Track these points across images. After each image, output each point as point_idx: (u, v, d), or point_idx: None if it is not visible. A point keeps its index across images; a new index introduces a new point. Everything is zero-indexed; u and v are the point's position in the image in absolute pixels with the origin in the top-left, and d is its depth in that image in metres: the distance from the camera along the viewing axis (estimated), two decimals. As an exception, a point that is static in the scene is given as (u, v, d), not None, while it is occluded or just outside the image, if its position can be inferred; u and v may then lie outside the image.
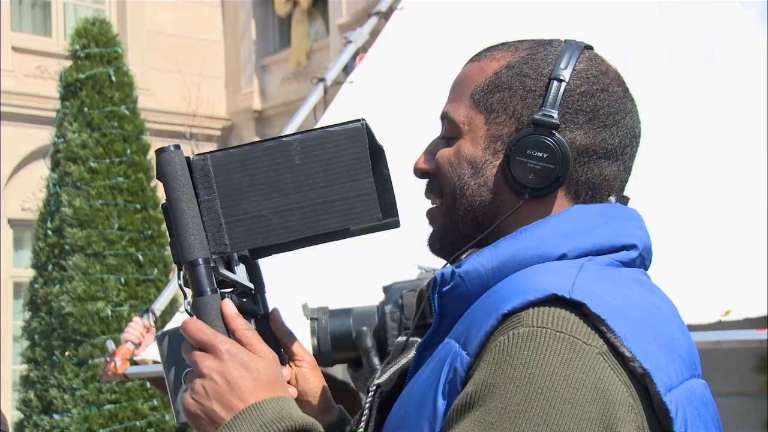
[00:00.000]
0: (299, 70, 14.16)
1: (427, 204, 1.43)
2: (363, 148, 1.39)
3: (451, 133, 1.39)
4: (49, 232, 6.70)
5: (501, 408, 1.16)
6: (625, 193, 1.42)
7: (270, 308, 1.45)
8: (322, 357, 2.85)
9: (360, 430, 1.39)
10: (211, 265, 1.33)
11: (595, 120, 1.34)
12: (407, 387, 1.34)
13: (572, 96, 1.33)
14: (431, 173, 1.41)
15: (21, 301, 8.55)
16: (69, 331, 6.39)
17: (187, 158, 1.36)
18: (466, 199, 1.36)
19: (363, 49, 5.79)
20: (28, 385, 6.68)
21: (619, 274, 1.30)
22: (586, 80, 1.34)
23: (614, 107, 1.35)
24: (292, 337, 1.46)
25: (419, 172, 1.42)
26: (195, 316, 1.33)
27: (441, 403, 1.24)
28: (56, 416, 6.35)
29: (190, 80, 13.50)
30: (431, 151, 1.41)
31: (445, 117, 1.40)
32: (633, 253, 1.34)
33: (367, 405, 1.40)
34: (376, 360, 2.64)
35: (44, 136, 8.23)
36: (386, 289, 2.77)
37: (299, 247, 1.43)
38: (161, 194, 1.45)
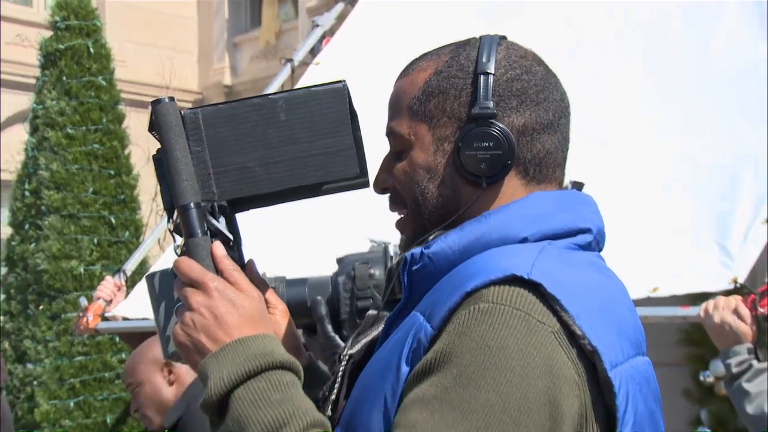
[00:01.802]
0: (268, 49, 14.08)
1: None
2: (344, 107, 1.40)
3: (400, 147, 1.40)
4: (27, 194, 6.62)
5: (456, 374, 1.18)
6: (580, 180, 1.44)
7: (246, 260, 1.46)
8: None
9: (333, 395, 1.40)
10: (201, 209, 1.34)
11: (527, 100, 1.36)
12: (375, 355, 1.36)
13: (500, 84, 1.35)
14: (390, 188, 1.42)
15: (-2, 257, 8.44)
16: (44, 286, 6.33)
17: (179, 111, 1.37)
18: (428, 202, 1.38)
19: (330, 33, 5.79)
20: (4, 335, 6.60)
21: (576, 257, 1.33)
22: (509, 67, 1.36)
23: (540, 85, 1.37)
24: (265, 286, 1.47)
25: (379, 189, 1.44)
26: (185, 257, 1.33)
27: (404, 369, 1.25)
28: (29, 365, 6.29)
29: (164, 54, 13.35)
30: (386, 169, 1.43)
31: (390, 133, 1.41)
32: (588, 237, 1.36)
33: (340, 373, 1.42)
34: (329, 327, 2.64)
35: (24, 101, 8.11)
36: (339, 261, 2.77)
37: (277, 203, 1.44)
38: (134, 161, 1.42)
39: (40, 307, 6.32)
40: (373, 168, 1.45)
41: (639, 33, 4.32)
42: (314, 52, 5.69)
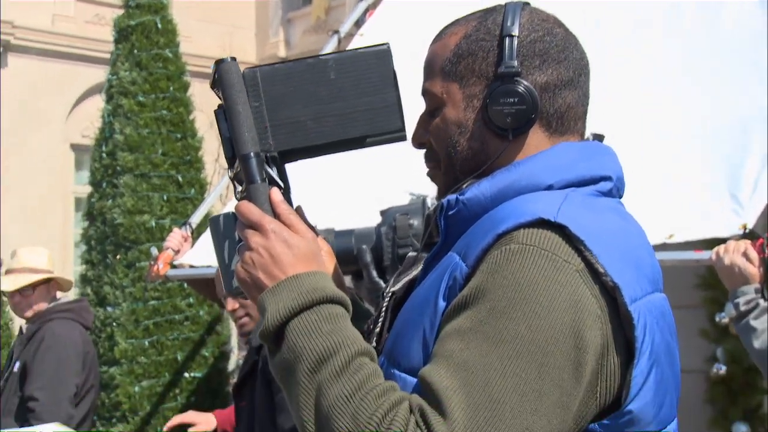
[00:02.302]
0: (319, 24, 14.02)
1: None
2: (389, 67, 1.40)
3: (434, 105, 1.40)
4: (104, 155, 6.67)
5: (489, 308, 1.18)
6: (600, 132, 1.42)
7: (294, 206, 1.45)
8: None
9: (377, 328, 1.42)
10: (260, 158, 1.34)
11: (548, 59, 1.35)
12: (414, 292, 1.36)
13: (524, 45, 1.34)
14: (426, 144, 1.41)
15: (80, 213, 8.53)
16: (120, 238, 6.39)
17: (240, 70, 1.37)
18: (459, 155, 1.37)
19: (373, 6, 5.75)
20: (86, 282, 6.69)
21: (598, 203, 1.32)
22: (532, 29, 1.35)
23: (561, 45, 1.36)
24: (313, 230, 1.46)
25: (417, 144, 1.43)
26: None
27: (441, 304, 1.26)
28: (109, 308, 6.38)
29: (224, 30, 13.35)
30: (422, 126, 1.42)
31: (425, 93, 1.41)
32: (609, 184, 1.35)
33: (383, 308, 1.42)
34: (374, 273, 2.65)
35: (100, 74, 8.14)
36: (382, 213, 2.77)
37: (324, 153, 1.43)
38: (198, 125, 1.40)
39: (117, 257, 6.38)
40: (410, 127, 1.44)
41: (658, 2, 4.24)
42: (359, 24, 5.66)
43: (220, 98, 1.38)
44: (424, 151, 1.44)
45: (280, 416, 2.95)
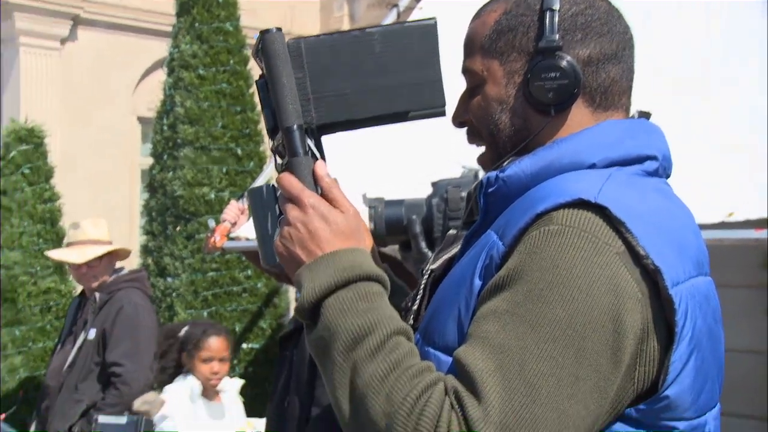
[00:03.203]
0: (381, -2, 13.95)
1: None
2: (434, 42, 1.37)
3: (474, 83, 1.37)
4: (165, 128, 6.73)
5: (527, 291, 1.15)
6: (647, 110, 1.38)
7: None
8: (377, 239, 2.84)
9: (415, 306, 1.39)
10: (303, 130, 1.32)
11: (590, 32, 1.31)
12: (452, 270, 1.33)
13: (565, 19, 1.30)
14: (467, 122, 1.38)
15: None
16: (180, 210, 6.45)
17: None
18: (502, 132, 1.34)
19: (432, -20, 5.69)
20: (147, 252, 6.79)
21: (643, 182, 1.27)
22: (573, 3, 1.32)
23: (603, 18, 1.32)
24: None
25: (457, 123, 1.41)
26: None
27: (477, 283, 1.23)
28: (169, 279, 6.46)
29: (287, 3, 13.36)
30: (462, 104, 1.39)
31: (466, 71, 1.38)
32: (654, 164, 1.30)
33: (422, 286, 1.40)
34: (423, 244, 2.63)
35: (162, 47, 8.21)
36: (434, 185, 2.74)
37: (363, 126, 1.41)
38: (258, 99, 1.38)
39: (177, 228, 6.45)
40: (452, 105, 1.41)
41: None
42: (418, -4, 5.61)
43: (262, 69, 1.36)
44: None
45: (318, 389, 2.97)
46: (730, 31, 3.82)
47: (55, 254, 4.88)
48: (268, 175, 5.58)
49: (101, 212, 11.19)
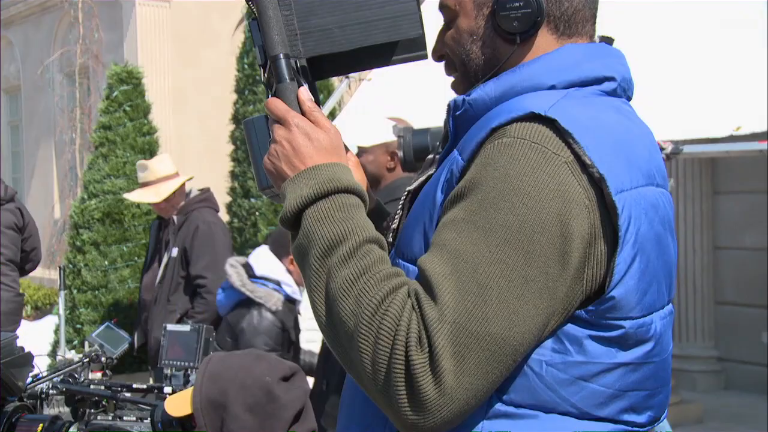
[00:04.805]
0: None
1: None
2: None
3: (449, 17, 1.32)
4: (245, 66, 6.79)
5: (481, 200, 1.12)
6: (610, 35, 1.30)
7: None
8: (408, 164, 2.80)
9: (394, 224, 1.37)
10: (290, 60, 1.29)
11: None
12: (423, 188, 1.30)
13: None
14: (444, 55, 1.34)
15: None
16: (261, 138, 6.48)
17: None
18: (473, 62, 1.29)
19: None
20: (234, 177, 6.86)
21: (599, 101, 1.22)
22: None
23: None
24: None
25: (436, 57, 1.36)
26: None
27: (439, 197, 1.20)
28: (252, 200, 6.53)
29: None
30: (439, 39, 1.35)
31: (441, 7, 1.33)
32: (613, 84, 1.25)
33: (400, 205, 1.37)
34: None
35: None
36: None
37: (352, 71, 1.38)
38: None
39: (260, 154, 6.50)
40: None
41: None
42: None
43: (253, 12, 1.32)
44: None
45: (329, 363, 2.97)
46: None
47: (133, 196, 4.93)
48: (330, 105, 5.54)
49: (205, 139, 11.40)
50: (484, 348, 1.06)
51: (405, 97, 4.05)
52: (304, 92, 1.27)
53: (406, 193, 1.36)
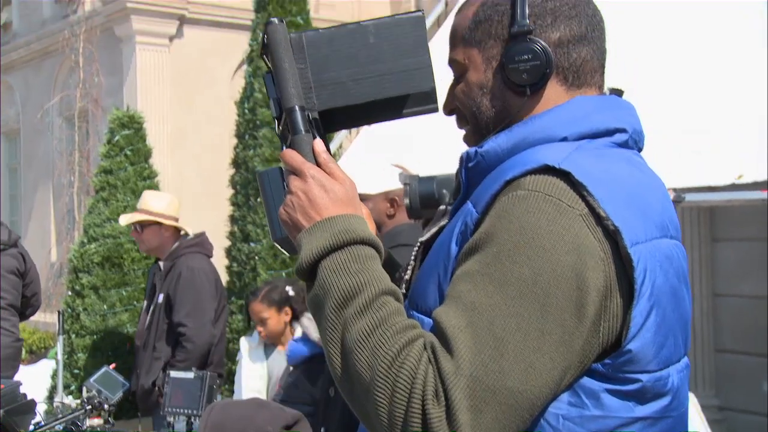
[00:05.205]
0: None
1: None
2: (423, 32, 1.36)
3: (459, 72, 1.33)
4: (246, 111, 6.78)
5: (496, 252, 1.12)
6: (620, 87, 1.32)
7: None
8: (414, 212, 2.82)
9: (407, 275, 1.37)
10: (305, 112, 1.30)
11: (560, 16, 1.26)
12: (437, 240, 1.30)
13: (536, 5, 1.26)
14: (455, 108, 1.35)
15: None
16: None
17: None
18: (483, 114, 1.30)
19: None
20: (233, 222, 6.86)
21: (611, 153, 1.23)
22: None
23: (571, 2, 1.27)
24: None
25: (447, 111, 1.37)
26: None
27: (454, 249, 1.20)
28: (252, 244, 6.52)
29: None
30: (450, 93, 1.36)
31: (451, 62, 1.35)
32: (624, 136, 1.25)
33: (413, 256, 1.38)
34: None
35: (243, 39, 8.25)
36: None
37: (365, 123, 1.40)
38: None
39: (258, 200, 6.50)
40: None
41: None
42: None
43: (268, 66, 1.34)
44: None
45: None
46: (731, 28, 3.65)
47: (121, 218, 4.85)
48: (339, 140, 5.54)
49: (204, 182, 11.43)
50: (501, 402, 1.05)
51: (404, 144, 4.08)
52: (319, 144, 1.28)
53: (418, 244, 1.36)
